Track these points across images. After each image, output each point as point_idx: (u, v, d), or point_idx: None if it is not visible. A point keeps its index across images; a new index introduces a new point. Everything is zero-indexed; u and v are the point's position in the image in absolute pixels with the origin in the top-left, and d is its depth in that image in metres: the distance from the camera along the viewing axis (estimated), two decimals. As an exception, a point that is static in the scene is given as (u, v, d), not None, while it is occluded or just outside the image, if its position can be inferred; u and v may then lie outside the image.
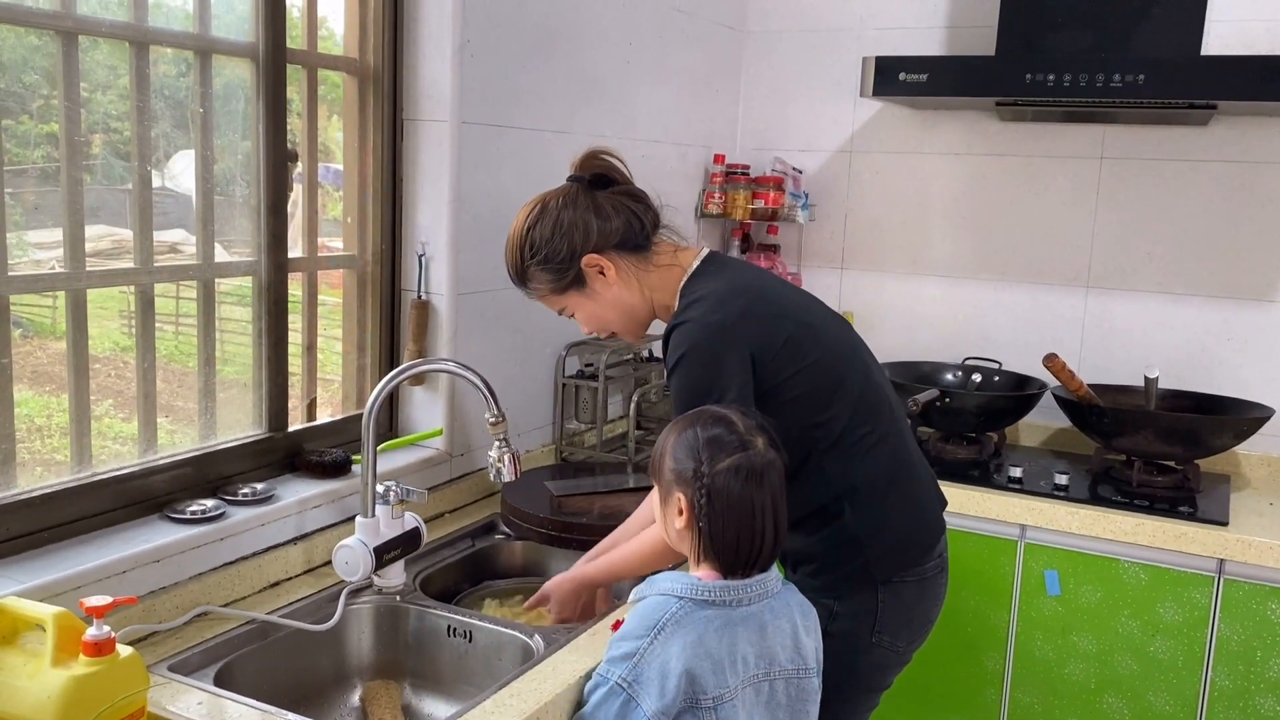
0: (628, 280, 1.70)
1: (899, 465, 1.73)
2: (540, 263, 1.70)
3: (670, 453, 1.46)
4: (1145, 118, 2.74)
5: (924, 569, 1.73)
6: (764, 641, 1.43)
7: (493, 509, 2.24)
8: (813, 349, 1.65)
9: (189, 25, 1.80)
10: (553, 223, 1.68)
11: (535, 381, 2.49)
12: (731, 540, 1.41)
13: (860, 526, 1.67)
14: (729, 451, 1.41)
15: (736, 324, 1.60)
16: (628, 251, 1.69)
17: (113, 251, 1.76)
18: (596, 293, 1.71)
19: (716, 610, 1.40)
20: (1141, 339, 2.85)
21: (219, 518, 1.74)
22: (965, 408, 2.64)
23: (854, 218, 3.15)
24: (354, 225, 2.19)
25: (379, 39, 2.12)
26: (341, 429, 2.13)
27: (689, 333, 1.61)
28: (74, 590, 1.49)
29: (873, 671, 1.75)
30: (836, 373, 1.67)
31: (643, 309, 1.74)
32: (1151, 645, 2.38)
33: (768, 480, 1.41)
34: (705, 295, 1.64)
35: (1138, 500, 2.43)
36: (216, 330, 1.91)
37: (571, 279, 1.70)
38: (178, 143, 1.81)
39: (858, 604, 1.69)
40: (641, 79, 2.73)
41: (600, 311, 1.73)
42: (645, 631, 1.38)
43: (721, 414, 1.46)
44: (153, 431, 1.79)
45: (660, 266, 1.71)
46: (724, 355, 1.59)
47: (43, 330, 1.76)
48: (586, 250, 1.67)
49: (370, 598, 1.81)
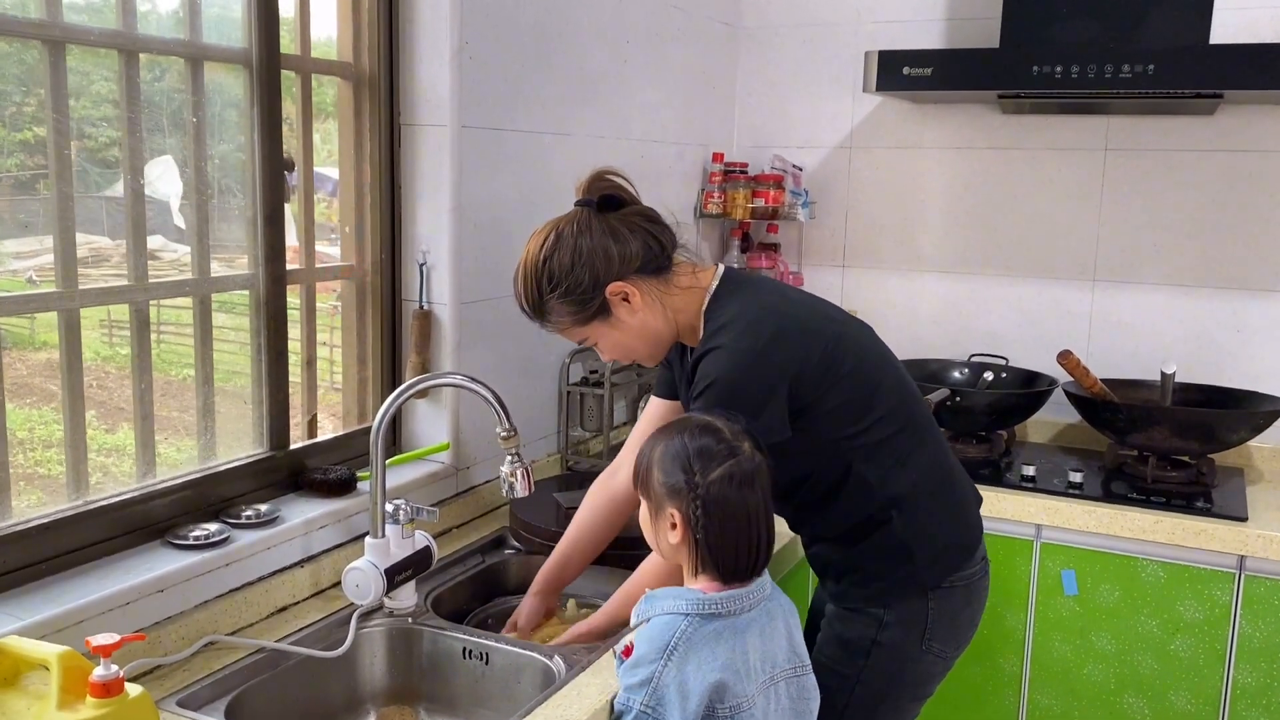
0: (652, 305, 1.62)
1: (939, 469, 1.71)
2: (561, 295, 1.59)
3: (658, 466, 1.41)
4: (1150, 108, 2.70)
5: (970, 573, 1.71)
6: (765, 645, 1.42)
7: (501, 523, 2.18)
8: (847, 358, 1.62)
9: (179, 32, 1.73)
10: (571, 251, 1.57)
11: (539, 390, 2.43)
12: (730, 549, 1.38)
13: (907, 534, 1.64)
14: (719, 460, 1.37)
15: (768, 349, 1.55)
16: (649, 275, 1.61)
17: (91, 260, 1.71)
18: (621, 321, 1.62)
19: (723, 621, 1.38)
20: (1150, 332, 2.82)
21: (223, 542, 1.68)
22: (976, 406, 2.60)
23: (855, 215, 3.11)
24: (352, 234, 2.12)
25: (374, 42, 2.06)
26: (345, 444, 2.07)
27: (719, 359, 1.56)
28: (76, 625, 1.43)
29: (921, 680, 1.73)
30: (871, 379, 1.64)
31: (667, 333, 1.66)
32: (1172, 644, 2.34)
33: (758, 483, 1.39)
34: (733, 319, 1.59)
35: (1154, 497, 2.40)
36: (214, 347, 1.85)
37: (595, 309, 1.60)
38: (154, 148, 1.74)
39: (907, 612, 1.66)
40: (639, 78, 2.68)
41: (625, 340, 1.65)
42: (658, 654, 1.35)
43: (706, 422, 1.42)
44: (151, 455, 1.72)
45: (683, 289, 1.64)
46: (754, 380, 1.55)
47: (21, 342, 1.70)
48: (610, 279, 1.58)
49: (382, 620, 1.75)
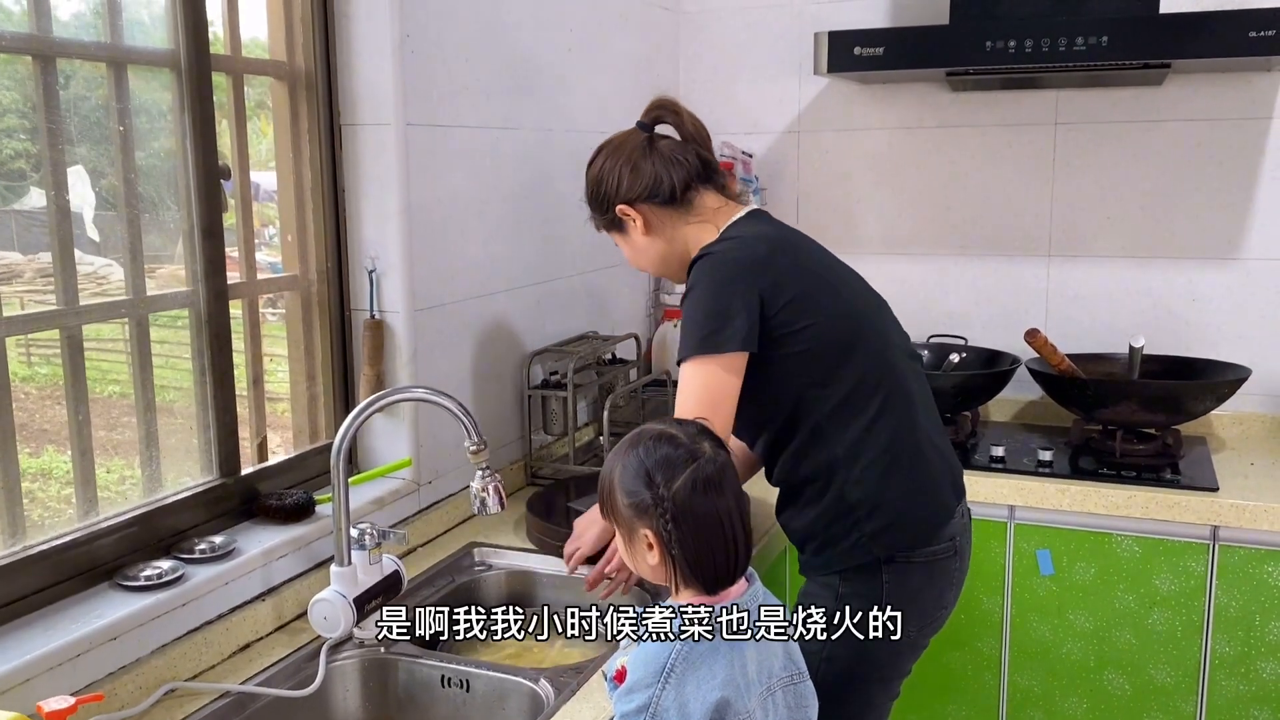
0: (659, 231, 1.75)
1: (905, 441, 1.67)
2: (588, 201, 1.81)
3: (619, 485, 1.33)
4: (1099, 80, 2.68)
5: (932, 550, 1.67)
6: (761, 655, 1.35)
7: (467, 538, 2.09)
8: (827, 308, 1.65)
9: (99, 35, 1.60)
10: (599, 168, 1.77)
11: (499, 395, 2.34)
12: (708, 557, 1.30)
13: (857, 498, 1.63)
14: (681, 466, 1.29)
15: (754, 263, 1.63)
16: (660, 204, 1.73)
17: (8, 276, 1.59)
18: (630, 237, 1.78)
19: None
20: (1107, 305, 2.81)
21: (177, 580, 1.57)
22: (943, 389, 2.56)
23: (806, 199, 3.06)
24: (294, 242, 2.01)
25: (309, 39, 1.94)
26: (298, 466, 1.96)
27: (705, 264, 1.65)
28: (23, 685, 1.31)
29: (886, 659, 1.69)
30: (847, 338, 1.65)
31: (674, 258, 1.77)
32: (1149, 618, 2.34)
33: (726, 483, 1.31)
34: (733, 236, 1.70)
35: (1125, 471, 2.39)
36: (154, 369, 1.72)
37: (609, 221, 1.79)
38: (70, 156, 1.62)
39: (860, 584, 1.65)
40: (582, 68, 2.59)
41: (633, 254, 1.81)
42: (654, 677, 1.27)
43: (660, 430, 1.34)
44: (93, 492, 1.60)
45: (697, 221, 1.74)
46: (735, 287, 1.60)
47: None
48: (617, 201, 1.74)
49: (352, 652, 1.65)
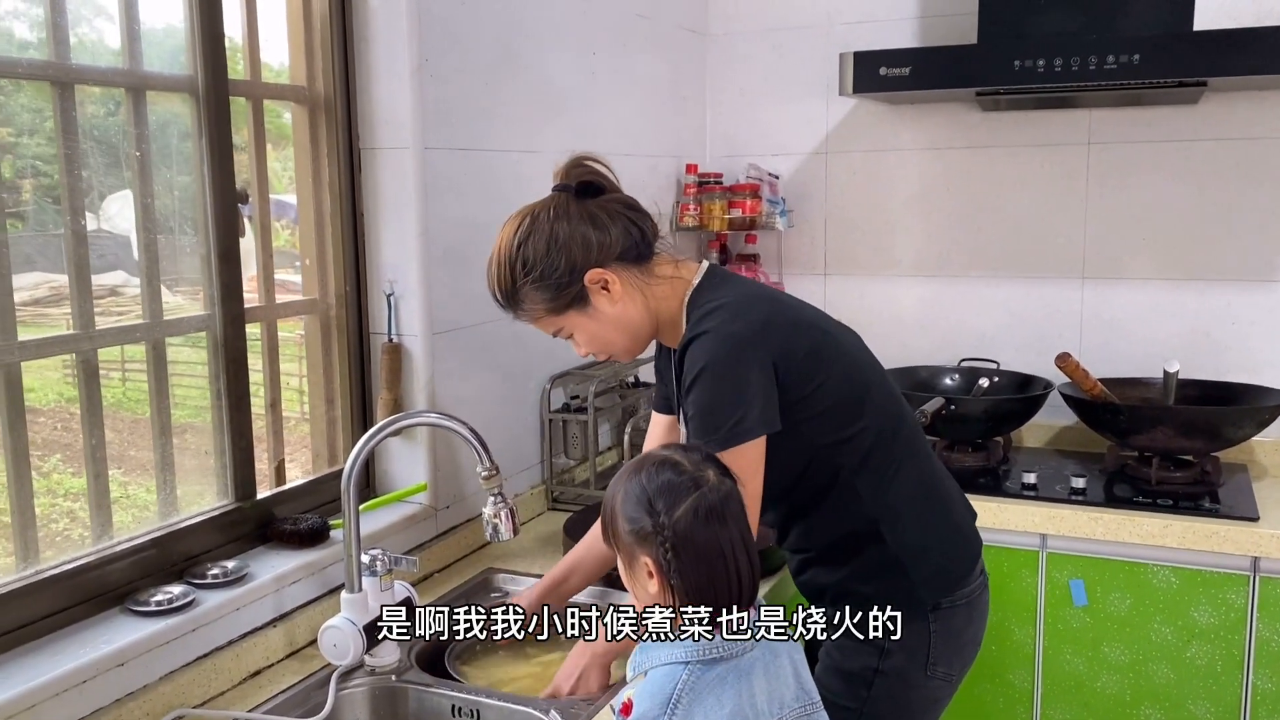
0: (632, 295, 1.56)
1: (931, 481, 1.63)
2: (535, 281, 1.52)
3: (620, 513, 1.29)
4: (1132, 99, 2.63)
5: (970, 590, 1.63)
6: (771, 685, 1.30)
7: (485, 564, 2.07)
8: (835, 360, 1.55)
9: (118, 61, 1.62)
10: (547, 237, 1.51)
11: (519, 419, 2.33)
12: (708, 588, 1.25)
13: (900, 549, 1.56)
14: (683, 494, 1.25)
15: (758, 334, 1.49)
16: (629, 263, 1.55)
17: (51, 299, 1.61)
18: (599, 311, 1.55)
19: (726, 665, 1.26)
20: (1142, 329, 2.74)
21: (188, 606, 1.56)
22: (972, 414, 2.51)
23: (834, 221, 3.02)
24: (313, 266, 2.01)
25: (328, 64, 1.95)
26: (315, 490, 1.95)
27: (708, 345, 1.48)
28: (28, 711, 1.30)
29: (927, 707, 1.64)
30: (859, 385, 1.57)
31: (646, 326, 1.59)
32: (1187, 651, 2.26)
33: (729, 512, 1.26)
34: (720, 305, 1.52)
35: (1161, 499, 2.32)
36: (177, 384, 1.73)
37: (572, 297, 1.54)
38: (111, 183, 1.65)
39: (908, 636, 1.53)
40: (607, 90, 2.58)
41: (601, 331, 1.58)
42: (660, 709, 1.23)
43: (664, 456, 1.30)
44: (107, 515, 1.60)
45: (665, 278, 1.58)
46: (747, 367, 1.47)
47: None
48: (589, 265, 1.52)
49: (363, 679, 1.63)
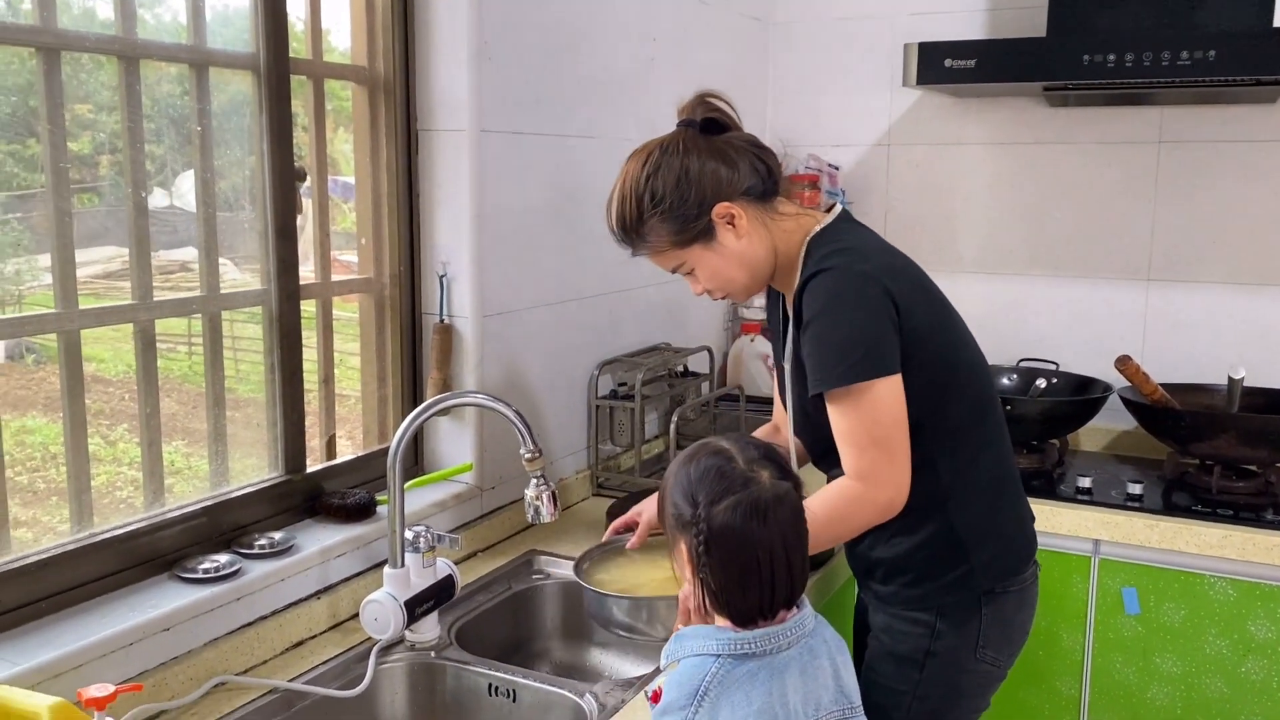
0: (757, 230, 1.55)
1: (1005, 473, 1.63)
2: (663, 214, 1.52)
3: (669, 496, 1.28)
4: (1205, 97, 2.56)
5: (1022, 578, 1.62)
6: (807, 686, 1.27)
7: (528, 545, 2.08)
8: (947, 331, 1.55)
9: (182, 37, 1.65)
10: (677, 170, 1.51)
11: (567, 404, 2.33)
12: (737, 590, 1.22)
13: (966, 531, 1.55)
14: (726, 490, 1.21)
15: (887, 277, 1.47)
16: (754, 200, 1.54)
17: (123, 272, 1.65)
18: (723, 246, 1.54)
19: (758, 662, 1.23)
20: (1208, 334, 2.67)
21: (234, 575, 1.59)
22: (1028, 415, 2.46)
23: (895, 214, 2.98)
24: (369, 245, 2.03)
25: (389, 45, 1.96)
26: (364, 466, 1.98)
27: (833, 280, 1.46)
28: (74, 670, 1.34)
29: (977, 690, 1.64)
30: (963, 364, 1.57)
31: (768, 264, 1.57)
32: (1243, 666, 2.20)
33: (775, 516, 1.21)
34: (848, 248, 1.51)
35: (1221, 509, 2.26)
36: (226, 365, 1.76)
37: (698, 231, 1.53)
38: (184, 161, 1.69)
39: (960, 619, 1.57)
40: (666, 77, 2.57)
41: (724, 267, 1.56)
42: (687, 700, 1.21)
43: (719, 447, 1.27)
44: (159, 482, 1.63)
45: (788, 215, 1.58)
46: (875, 305, 1.45)
47: (55, 357, 1.64)
48: (717, 199, 1.51)
49: (402, 655, 1.65)
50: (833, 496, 1.48)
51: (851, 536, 1.57)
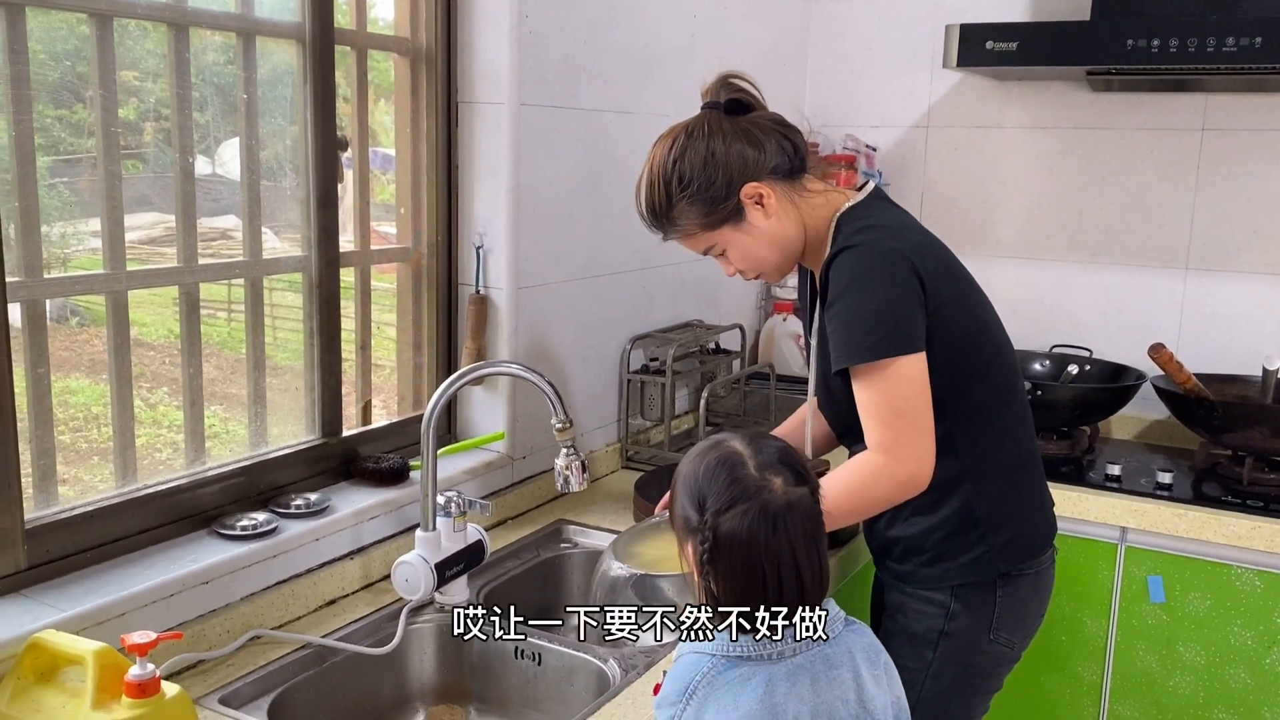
0: (786, 209, 1.55)
1: (1026, 457, 1.64)
2: (691, 196, 1.53)
3: (679, 493, 1.23)
4: (1251, 84, 2.52)
5: (1039, 561, 1.63)
6: (819, 697, 1.18)
7: (557, 514, 2.11)
8: (973, 312, 1.56)
9: (231, 6, 1.68)
10: (703, 153, 1.52)
11: (598, 378, 2.36)
12: (739, 599, 1.16)
13: (985, 512, 1.55)
14: (734, 498, 1.16)
15: (914, 255, 1.48)
16: (782, 178, 1.55)
17: (166, 239, 1.70)
18: (753, 226, 1.55)
19: (752, 666, 1.17)
20: (1247, 324, 2.65)
21: (271, 533, 1.63)
22: (1059, 401, 2.46)
23: (931, 196, 2.97)
24: (407, 215, 2.06)
25: (431, 17, 1.99)
26: (398, 432, 2.02)
27: (859, 257, 1.47)
28: (118, 618, 1.39)
29: (990, 671, 1.65)
30: (987, 346, 1.57)
31: (798, 242, 1.58)
32: (1268, 657, 2.20)
33: (784, 524, 1.15)
34: (875, 224, 1.51)
35: (1251, 500, 2.25)
36: (265, 330, 1.80)
37: (727, 213, 1.54)
38: (227, 129, 1.72)
39: (975, 600, 1.59)
40: (706, 53, 2.57)
41: (755, 247, 1.57)
42: (679, 696, 1.18)
43: (733, 449, 1.21)
44: (200, 442, 1.68)
45: (816, 192, 1.58)
46: (901, 282, 1.45)
47: (99, 319, 1.69)
48: (745, 179, 1.52)
49: (432, 616, 1.70)
50: (854, 469, 1.49)
51: (872, 513, 1.57)
